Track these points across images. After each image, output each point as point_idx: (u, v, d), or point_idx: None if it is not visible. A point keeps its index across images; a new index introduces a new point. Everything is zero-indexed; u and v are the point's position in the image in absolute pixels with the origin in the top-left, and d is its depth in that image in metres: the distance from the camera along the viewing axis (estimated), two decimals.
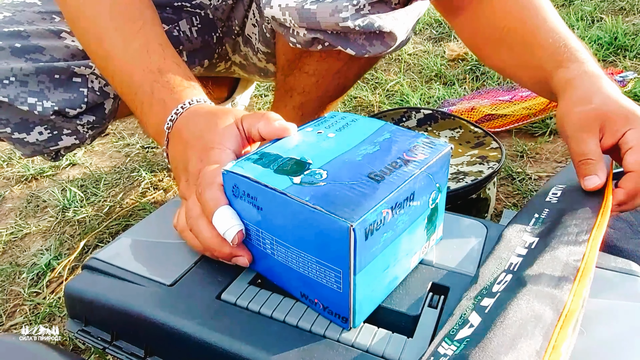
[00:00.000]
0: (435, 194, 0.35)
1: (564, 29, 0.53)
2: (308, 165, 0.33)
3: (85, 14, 0.51)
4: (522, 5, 0.56)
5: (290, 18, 0.51)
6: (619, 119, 0.44)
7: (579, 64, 0.49)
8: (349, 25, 0.49)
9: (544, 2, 0.56)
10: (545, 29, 0.53)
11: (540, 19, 0.54)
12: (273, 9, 0.51)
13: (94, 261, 0.41)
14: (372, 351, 0.31)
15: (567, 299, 0.32)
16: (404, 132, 0.38)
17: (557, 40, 0.52)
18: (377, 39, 0.52)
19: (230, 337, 0.33)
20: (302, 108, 0.68)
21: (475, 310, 0.32)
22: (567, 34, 0.52)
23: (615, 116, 0.44)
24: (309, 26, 0.51)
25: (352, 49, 0.52)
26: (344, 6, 0.48)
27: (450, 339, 0.30)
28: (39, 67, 0.56)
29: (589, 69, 0.48)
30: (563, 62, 0.50)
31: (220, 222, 0.35)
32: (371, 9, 0.49)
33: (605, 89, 0.46)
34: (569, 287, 0.33)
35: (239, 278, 0.38)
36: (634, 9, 1.40)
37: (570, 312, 0.31)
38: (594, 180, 0.42)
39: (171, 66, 0.47)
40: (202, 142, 0.40)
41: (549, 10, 0.55)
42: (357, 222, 0.27)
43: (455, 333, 0.30)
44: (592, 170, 0.43)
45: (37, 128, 0.59)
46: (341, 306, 0.31)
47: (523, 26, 0.55)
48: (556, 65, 0.51)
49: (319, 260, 0.31)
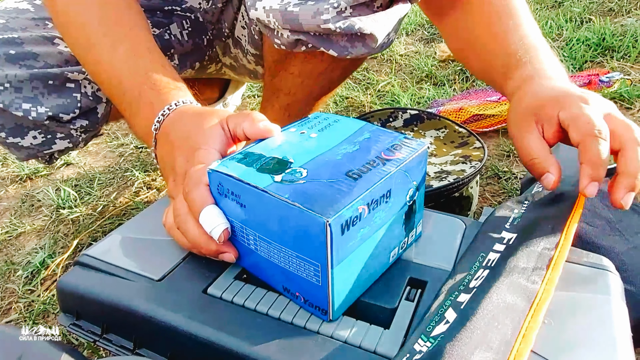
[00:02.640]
0: (412, 192, 0.37)
1: (531, 36, 0.53)
2: (289, 164, 0.35)
3: (75, 20, 0.52)
4: (495, 12, 0.56)
5: (274, 20, 0.52)
6: (550, 105, 0.42)
7: (524, 71, 0.49)
8: (330, 27, 0.50)
9: (519, 8, 0.56)
10: (506, 37, 0.53)
11: (506, 26, 0.54)
12: (258, 10, 0.52)
13: (86, 257, 0.42)
14: (350, 342, 0.32)
15: (539, 287, 0.33)
16: (384, 132, 0.39)
17: (513, 50, 0.51)
18: (359, 40, 0.53)
19: (216, 329, 0.34)
20: (289, 109, 0.69)
21: (452, 307, 0.33)
22: (531, 42, 0.52)
23: (546, 102, 0.43)
24: (292, 28, 0.52)
25: (334, 50, 0.53)
26: (325, 9, 0.49)
27: (426, 336, 0.31)
28: (33, 74, 0.57)
29: (534, 74, 0.47)
30: (509, 73, 0.50)
31: (207, 220, 0.36)
32: (353, 11, 0.50)
33: (541, 84, 0.45)
34: (542, 275, 0.34)
35: (224, 273, 0.40)
36: (622, 11, 1.42)
37: (541, 300, 0.32)
38: (549, 179, 0.41)
39: (158, 69, 0.49)
40: (188, 142, 0.41)
41: (521, 17, 0.55)
42: (333, 218, 0.29)
43: (432, 330, 0.31)
44: (541, 168, 0.41)
45: (31, 132, 0.60)
46: (320, 299, 0.33)
47: (488, 33, 0.56)
48: (505, 77, 0.51)
49: (298, 255, 0.32)
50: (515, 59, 0.51)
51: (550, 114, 0.42)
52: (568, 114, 0.40)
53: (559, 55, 1.21)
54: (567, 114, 0.41)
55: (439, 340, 0.30)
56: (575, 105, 0.41)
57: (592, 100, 0.41)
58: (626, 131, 0.39)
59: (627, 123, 0.40)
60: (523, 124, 0.43)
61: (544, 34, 1.31)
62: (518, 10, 0.56)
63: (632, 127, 0.39)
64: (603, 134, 0.38)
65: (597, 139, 0.38)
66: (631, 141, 0.39)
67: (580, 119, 0.39)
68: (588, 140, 0.38)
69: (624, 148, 0.39)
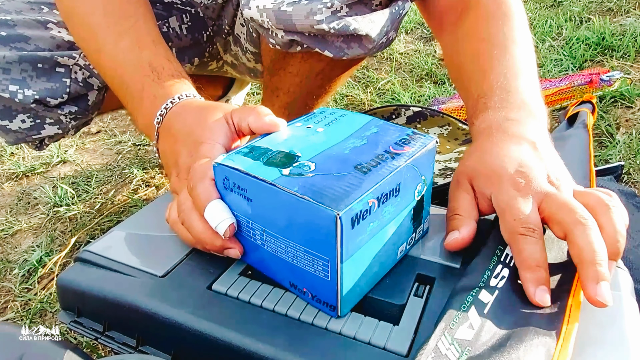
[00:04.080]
0: (420, 186, 0.36)
1: (513, 69, 0.47)
2: (297, 157, 0.34)
3: (79, 10, 0.51)
4: (486, 35, 0.51)
5: (267, 19, 0.50)
6: (483, 182, 0.38)
7: (485, 119, 0.44)
8: (324, 27, 0.48)
9: (513, 31, 0.50)
10: (484, 74, 0.48)
11: (488, 60, 0.48)
12: (251, 10, 0.51)
13: (86, 253, 0.41)
14: (359, 338, 0.32)
15: (565, 304, 0.32)
16: (391, 127, 0.39)
17: (485, 89, 0.46)
18: (355, 41, 0.51)
19: (221, 325, 0.33)
20: (289, 107, 0.69)
21: (474, 306, 0.31)
22: (507, 81, 0.46)
23: (482, 177, 0.38)
24: (286, 28, 0.50)
25: (329, 51, 0.52)
26: (319, 8, 0.48)
27: (450, 335, 0.30)
28: (23, 56, 0.56)
29: (492, 127, 0.42)
30: (476, 115, 0.46)
31: (212, 215, 0.35)
32: (349, 10, 0.49)
33: (488, 149, 0.40)
34: (569, 286, 0.33)
35: (229, 269, 0.39)
36: (621, 10, 1.42)
37: (568, 330, 0.30)
38: (454, 236, 0.36)
39: (162, 62, 0.48)
40: (192, 137, 0.41)
41: (507, 46, 0.49)
42: (344, 211, 0.28)
43: (455, 329, 0.30)
44: (455, 225, 0.37)
45: (19, 116, 0.60)
46: (329, 294, 0.32)
47: (471, 64, 0.51)
48: (472, 116, 0.46)
49: (307, 250, 0.31)
50: (482, 102, 0.46)
51: (482, 192, 0.38)
52: (497, 203, 0.36)
53: (559, 54, 1.21)
54: (496, 201, 0.36)
55: (466, 355, 0.28)
56: (504, 192, 0.36)
57: (527, 183, 0.36)
58: (568, 214, 0.33)
59: (567, 204, 0.34)
60: (463, 181, 0.40)
61: (543, 33, 1.32)
62: (507, 35, 0.49)
63: (573, 208, 0.33)
64: (531, 230, 0.33)
65: (525, 238, 0.33)
66: (575, 224, 0.32)
67: (506, 214, 0.35)
68: (515, 240, 0.33)
69: (570, 235, 0.32)
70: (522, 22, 0.51)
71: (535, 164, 0.37)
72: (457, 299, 0.31)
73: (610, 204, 0.34)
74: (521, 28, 0.51)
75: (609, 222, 0.33)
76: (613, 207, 0.34)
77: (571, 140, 0.75)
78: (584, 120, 0.80)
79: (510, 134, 0.40)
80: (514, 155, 0.38)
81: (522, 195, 0.35)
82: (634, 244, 0.55)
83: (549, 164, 0.38)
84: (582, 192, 0.36)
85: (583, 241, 0.31)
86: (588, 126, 0.79)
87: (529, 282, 0.32)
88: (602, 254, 0.31)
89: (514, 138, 0.40)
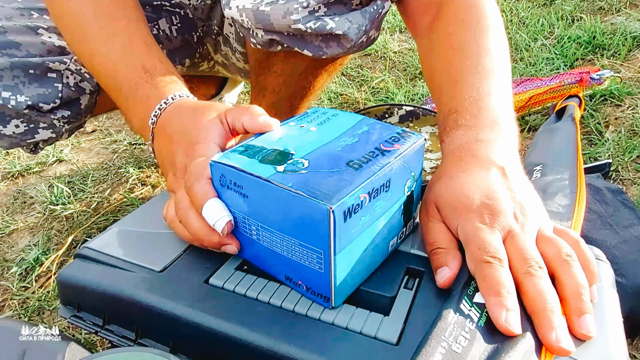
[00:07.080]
0: (410, 182, 0.37)
1: (486, 81, 0.45)
2: (291, 155, 0.35)
3: (70, 12, 0.52)
4: (458, 44, 0.50)
5: (247, 19, 0.51)
6: (449, 209, 0.38)
7: (455, 138, 0.43)
8: (300, 27, 0.49)
9: (487, 41, 0.49)
10: (455, 87, 0.47)
11: (460, 71, 0.47)
12: (232, 10, 0.51)
13: (86, 250, 0.42)
14: (351, 328, 0.33)
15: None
16: (382, 125, 0.40)
17: (456, 104, 0.45)
18: (333, 40, 0.52)
19: (218, 317, 0.34)
20: (276, 107, 0.69)
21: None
22: (479, 95, 0.44)
23: (448, 206, 0.38)
24: (265, 27, 0.51)
25: (308, 50, 0.53)
26: (295, 8, 0.48)
27: (469, 299, 0.32)
28: (14, 62, 0.57)
29: (460, 148, 0.41)
30: (446, 131, 0.45)
31: (210, 213, 0.37)
32: (327, 10, 0.49)
33: (456, 172, 0.39)
34: None
35: (226, 264, 0.40)
36: (612, 9, 1.44)
37: None
38: (444, 273, 0.35)
39: (155, 63, 0.49)
40: (187, 137, 0.42)
41: (480, 55, 0.47)
42: (337, 205, 0.30)
43: (472, 294, 0.33)
44: (441, 261, 0.36)
45: (13, 121, 0.60)
46: (323, 286, 0.33)
47: (444, 73, 0.50)
48: (443, 132, 0.45)
49: (301, 243, 0.33)
50: (452, 118, 0.45)
51: (449, 222, 0.38)
52: (462, 234, 0.36)
53: (551, 52, 1.23)
54: (462, 232, 0.36)
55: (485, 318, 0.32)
56: (470, 224, 0.35)
57: (492, 217, 0.35)
58: (521, 264, 0.33)
59: (523, 252, 0.34)
60: (432, 211, 0.39)
61: (535, 32, 1.34)
62: (481, 45, 0.48)
63: (527, 258, 0.33)
64: (497, 259, 0.33)
65: (490, 265, 0.33)
66: (524, 275, 0.33)
67: (471, 244, 0.34)
68: (480, 269, 0.33)
69: (521, 286, 0.33)
70: (498, 31, 0.50)
71: (502, 196, 0.36)
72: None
73: (570, 259, 0.34)
74: (496, 37, 0.49)
75: (570, 278, 0.33)
76: (573, 262, 0.33)
77: (560, 132, 0.77)
78: (571, 113, 0.83)
79: (479, 158, 0.40)
80: (482, 184, 0.37)
81: (488, 227, 0.35)
82: (620, 240, 0.57)
83: (518, 194, 0.37)
84: (546, 238, 0.35)
85: (534, 292, 0.32)
86: (575, 119, 0.81)
87: (493, 307, 0.31)
88: (553, 302, 0.31)
89: (482, 162, 0.39)
